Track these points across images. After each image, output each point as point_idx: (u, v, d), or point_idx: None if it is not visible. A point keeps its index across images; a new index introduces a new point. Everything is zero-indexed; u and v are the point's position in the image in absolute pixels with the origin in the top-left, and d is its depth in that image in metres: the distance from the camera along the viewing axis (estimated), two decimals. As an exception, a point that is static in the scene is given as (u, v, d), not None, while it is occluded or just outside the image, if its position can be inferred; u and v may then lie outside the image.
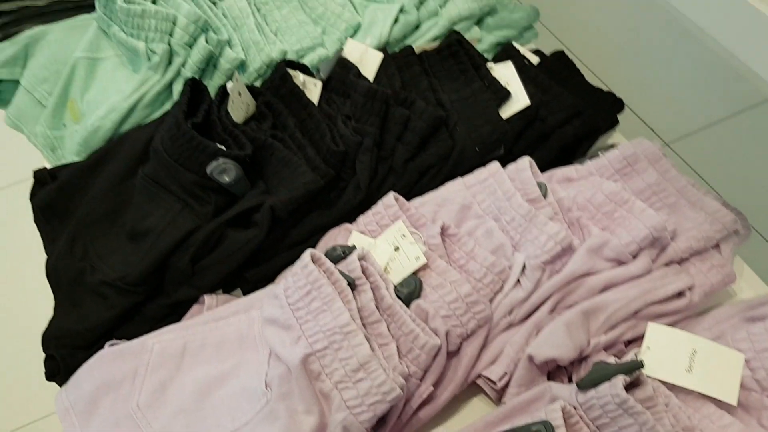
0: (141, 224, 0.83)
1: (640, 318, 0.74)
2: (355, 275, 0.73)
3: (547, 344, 0.70)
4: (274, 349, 0.70)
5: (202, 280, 0.81)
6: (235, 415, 0.68)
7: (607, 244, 0.76)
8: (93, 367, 0.73)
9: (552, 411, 0.63)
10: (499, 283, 0.76)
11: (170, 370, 0.72)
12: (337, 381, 0.66)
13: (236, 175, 0.80)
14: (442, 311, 0.73)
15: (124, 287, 0.80)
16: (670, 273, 0.76)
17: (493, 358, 0.74)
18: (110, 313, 0.79)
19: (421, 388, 0.71)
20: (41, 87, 1.01)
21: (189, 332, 0.75)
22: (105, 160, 0.91)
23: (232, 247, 0.80)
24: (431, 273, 0.77)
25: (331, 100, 0.93)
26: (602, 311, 0.72)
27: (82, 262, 0.84)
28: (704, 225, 0.80)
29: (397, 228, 0.79)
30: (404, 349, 0.71)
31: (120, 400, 0.71)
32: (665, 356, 0.68)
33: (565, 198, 0.82)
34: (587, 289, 0.75)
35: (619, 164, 0.85)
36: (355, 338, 0.66)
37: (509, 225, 0.79)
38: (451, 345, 0.72)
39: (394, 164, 0.87)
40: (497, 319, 0.75)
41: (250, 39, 1.00)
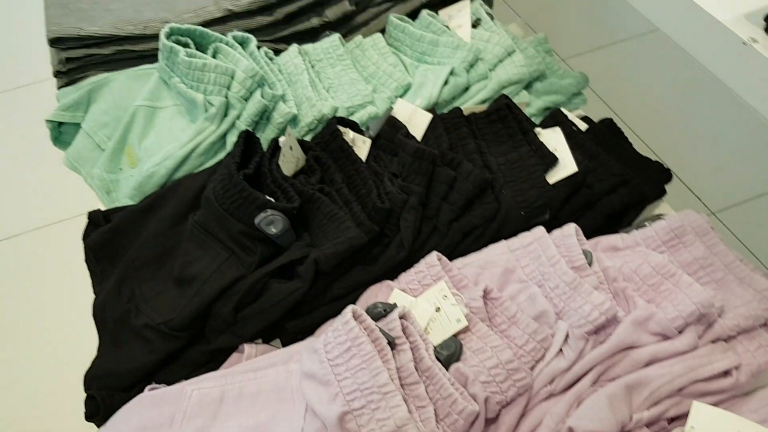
0: (188, 270, 0.85)
1: (685, 395, 0.72)
2: (395, 334, 0.73)
3: (588, 417, 0.68)
4: (311, 405, 0.70)
5: (243, 329, 0.82)
6: (268, 469, 0.68)
7: (652, 317, 0.74)
8: (131, 410, 0.74)
9: (592, 488, 0.61)
10: (541, 351, 0.75)
11: (206, 419, 0.73)
12: (373, 442, 0.65)
13: (283, 227, 0.82)
14: (481, 377, 0.72)
15: (168, 332, 0.81)
16: (716, 350, 0.74)
17: (532, 428, 0.72)
18: (152, 357, 0.81)
19: (458, 454, 0.70)
20: (101, 131, 1.06)
21: (227, 381, 0.76)
22: (157, 205, 0.93)
23: (275, 298, 0.81)
24: (472, 336, 0.76)
25: (378, 158, 0.94)
26: (646, 386, 0.71)
27: (128, 304, 0.86)
28: (752, 303, 0.78)
29: (439, 288, 0.79)
30: (442, 414, 0.70)
31: (156, 446, 0.71)
32: (711, 438, 0.66)
33: (611, 267, 0.81)
34: (631, 362, 0.73)
35: (666, 236, 0.84)
36: (393, 399, 0.66)
37: (553, 292, 0.78)
38: (489, 412, 0.71)
39: (438, 224, 0.88)
40: (538, 387, 0.74)
41: (303, 94, 1.03)
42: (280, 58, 1.09)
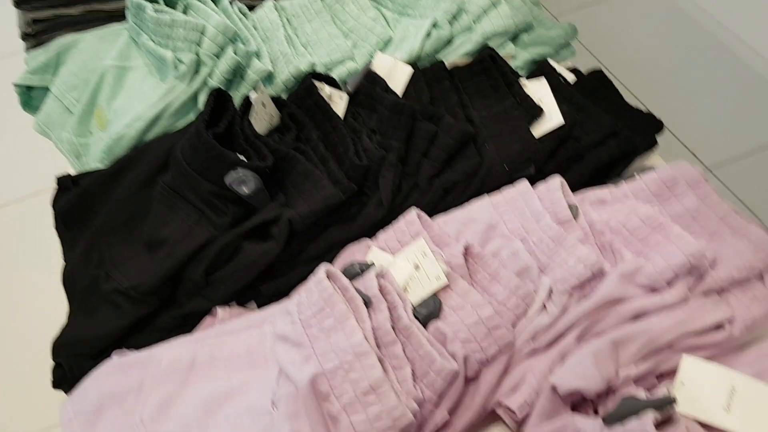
0: (157, 233, 0.81)
1: (675, 350, 0.69)
2: (371, 293, 0.70)
3: (573, 374, 0.65)
4: (284, 367, 0.67)
5: (215, 292, 0.79)
6: (238, 434, 0.65)
7: (640, 270, 0.71)
8: (99, 377, 0.71)
9: (575, 447, 0.58)
10: (523, 307, 0.72)
11: (177, 384, 0.70)
12: (346, 403, 0.62)
13: (255, 187, 0.78)
14: (461, 334, 0.69)
15: (137, 296, 0.78)
16: (708, 303, 0.71)
17: (514, 385, 0.70)
18: (121, 323, 0.78)
19: (436, 415, 0.67)
20: (70, 94, 1.02)
21: (198, 345, 0.73)
22: (127, 168, 0.90)
23: (247, 260, 0.77)
24: (452, 294, 0.73)
25: (356, 114, 0.90)
26: (633, 341, 0.68)
27: (97, 270, 0.83)
28: (747, 253, 0.75)
29: (418, 246, 0.76)
30: (419, 373, 0.67)
31: (124, 413, 0.68)
32: (701, 393, 0.63)
33: (598, 221, 0.77)
34: (618, 317, 0.70)
35: (656, 187, 0.81)
36: (368, 359, 0.63)
37: (537, 247, 0.75)
38: (469, 370, 0.68)
39: (418, 180, 0.84)
40: (520, 344, 0.71)
41: (279, 51, 0.99)
42: (254, 14, 1.04)
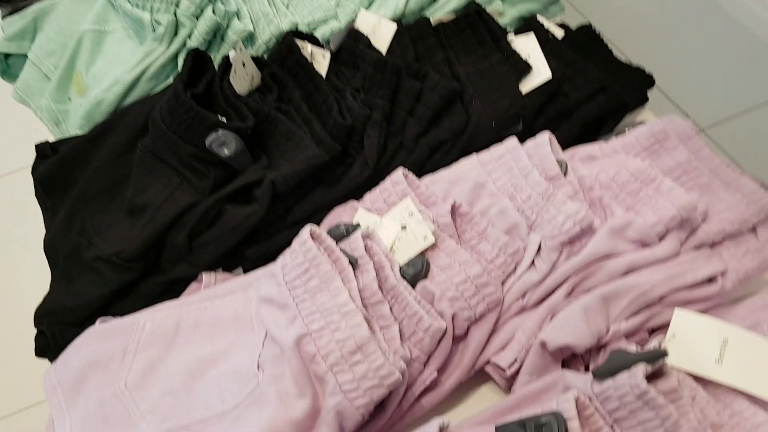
0: (138, 198, 0.80)
1: (666, 305, 0.68)
2: (357, 254, 0.69)
3: (562, 330, 0.64)
4: (269, 329, 0.66)
5: (199, 257, 0.77)
6: (224, 397, 0.64)
7: (631, 224, 0.70)
8: (82, 344, 0.70)
9: (564, 401, 0.57)
10: (512, 264, 0.71)
11: (161, 350, 0.69)
12: (332, 363, 0.61)
13: (236, 148, 0.76)
14: (449, 293, 0.68)
15: (119, 263, 0.76)
16: (700, 257, 0.70)
17: (504, 344, 0.69)
18: (104, 290, 0.76)
19: (424, 373, 0.66)
20: (48, 60, 0.99)
21: (182, 310, 0.71)
22: (106, 133, 0.88)
23: (231, 224, 0.76)
24: (440, 253, 0.72)
25: (340, 73, 0.88)
26: (624, 296, 0.66)
27: (79, 238, 0.81)
28: (739, 206, 0.73)
29: (405, 205, 0.74)
30: (407, 332, 0.66)
31: (108, 379, 0.67)
32: (693, 345, 0.62)
33: (587, 176, 0.76)
34: (608, 272, 0.69)
35: (647, 141, 0.79)
36: (354, 319, 0.62)
37: (525, 204, 0.73)
38: (457, 329, 0.67)
39: (404, 140, 0.82)
40: (509, 302, 0.70)
41: (260, 11, 0.96)
42: (234, -26, 1.01)
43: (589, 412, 0.58)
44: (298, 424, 0.60)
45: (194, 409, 0.64)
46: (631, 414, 0.55)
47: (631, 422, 0.55)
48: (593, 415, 0.58)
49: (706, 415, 0.56)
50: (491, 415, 0.64)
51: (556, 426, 0.56)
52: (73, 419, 0.65)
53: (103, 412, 0.65)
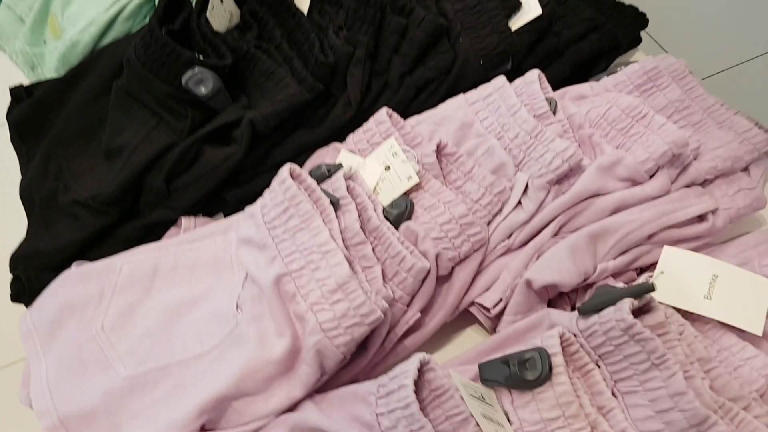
0: (115, 141, 0.77)
1: (655, 243, 0.66)
2: (339, 195, 0.67)
3: (548, 268, 0.63)
4: (249, 270, 0.64)
5: (178, 201, 0.75)
6: (203, 338, 0.62)
7: (620, 161, 0.67)
8: (58, 287, 0.68)
9: (549, 338, 0.56)
10: (498, 204, 0.69)
11: (139, 293, 0.67)
12: (312, 303, 0.59)
13: (214, 87, 0.73)
14: (433, 233, 0.66)
15: (96, 207, 0.74)
16: (690, 194, 0.68)
17: (489, 284, 0.67)
18: (81, 234, 0.74)
19: (408, 314, 0.65)
20: (23, 3, 0.96)
21: (161, 253, 0.69)
22: (82, 75, 0.85)
23: (209, 165, 0.74)
24: (424, 194, 0.70)
25: (322, 11, 0.85)
26: (612, 234, 0.65)
27: (55, 182, 0.79)
28: (732, 144, 0.71)
29: (389, 145, 0.72)
30: (390, 273, 0.64)
31: (84, 322, 0.66)
32: (681, 282, 0.60)
33: (577, 114, 0.73)
34: (596, 210, 0.67)
35: (639, 79, 0.76)
36: (334, 257, 0.60)
37: (513, 143, 0.71)
38: (441, 269, 0.65)
39: (389, 79, 0.80)
40: (495, 243, 0.68)
41: (239, -54, 0.93)
42: None
43: (573, 349, 0.56)
44: (277, 364, 0.58)
45: (172, 351, 0.62)
46: (617, 349, 0.54)
47: (617, 357, 0.54)
48: (578, 352, 0.56)
49: (693, 350, 0.54)
50: (475, 354, 0.63)
51: (540, 361, 0.54)
52: (48, 362, 0.64)
53: (80, 355, 0.64)
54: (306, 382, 0.59)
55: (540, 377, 0.54)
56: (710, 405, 0.51)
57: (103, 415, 0.60)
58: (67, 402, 0.60)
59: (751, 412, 0.52)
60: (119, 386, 0.61)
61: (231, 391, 0.56)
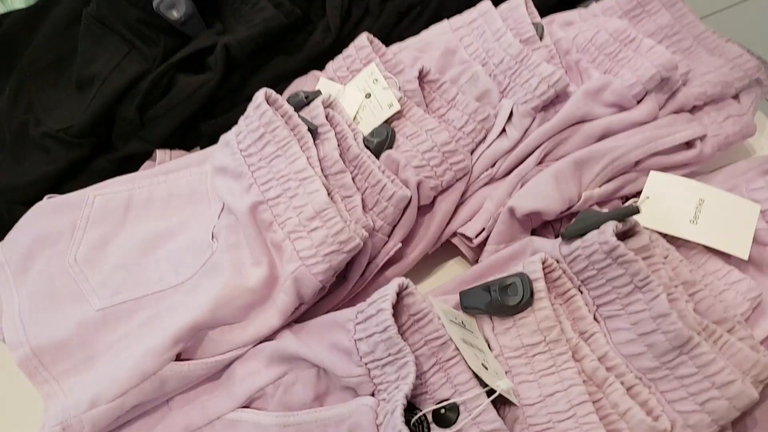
0: (86, 70, 0.74)
1: (642, 171, 0.64)
2: (318, 122, 0.65)
3: (531, 195, 0.61)
4: (224, 200, 0.62)
5: (152, 132, 0.73)
6: (179, 269, 0.61)
7: (607, 86, 0.65)
8: (29, 220, 0.66)
9: (531, 263, 0.55)
10: (481, 132, 0.67)
11: (112, 225, 0.65)
12: (290, 231, 0.58)
13: (186, 11, 0.70)
14: (414, 161, 0.64)
15: (68, 139, 0.72)
16: (679, 120, 0.66)
17: (472, 214, 0.66)
18: (53, 167, 0.72)
19: (388, 244, 0.63)
20: (-14, -69, 0.91)
21: (134, 185, 0.67)
22: (51, 4, 0.81)
23: (184, 93, 0.71)
24: (406, 122, 0.68)
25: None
26: (598, 161, 0.63)
27: (26, 115, 0.76)
28: (722, 69, 0.69)
29: (369, 72, 0.69)
30: (370, 203, 0.63)
31: (57, 255, 0.64)
32: (667, 206, 0.59)
33: (564, 39, 0.71)
34: (582, 137, 0.65)
35: (628, 5, 0.74)
36: (312, 185, 0.58)
37: (497, 68, 0.69)
38: (423, 198, 0.64)
39: (370, 4, 0.77)
40: (478, 172, 0.66)
41: None
42: None
43: (556, 275, 0.55)
44: (253, 292, 0.57)
45: (147, 283, 0.61)
46: (600, 273, 0.53)
47: (600, 282, 0.53)
48: (560, 278, 0.55)
49: (678, 274, 0.53)
50: (457, 284, 0.61)
51: (521, 287, 0.53)
52: (21, 295, 0.62)
53: (53, 288, 0.62)
54: (284, 311, 0.57)
55: (521, 302, 0.53)
56: (693, 327, 0.50)
57: (76, 346, 0.58)
58: (39, 334, 0.59)
59: (735, 334, 0.52)
60: (93, 318, 0.59)
61: (207, 320, 0.55)
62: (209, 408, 0.56)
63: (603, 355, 0.52)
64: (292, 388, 0.54)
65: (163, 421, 0.56)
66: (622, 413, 0.49)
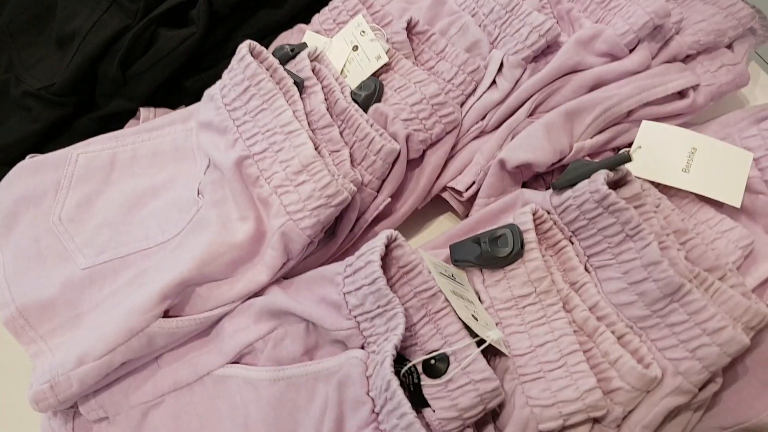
0: (66, 27, 0.73)
1: (634, 121, 0.63)
2: (304, 76, 0.63)
3: (522, 147, 0.60)
4: (210, 155, 0.61)
5: (135, 89, 0.71)
6: (164, 226, 0.60)
7: (599, 34, 0.64)
8: (12, 180, 0.65)
9: (521, 214, 0.54)
10: (471, 84, 0.66)
11: (97, 184, 0.64)
12: (276, 185, 0.57)
13: (167, -37, 0.68)
14: (403, 114, 0.63)
15: (49, 98, 0.71)
16: (671, 69, 0.65)
17: (462, 168, 0.65)
18: (35, 126, 0.71)
19: (378, 199, 0.62)
20: None
21: (118, 143, 0.66)
22: (27, -41, 0.79)
23: (166, 48, 0.69)
24: (394, 75, 0.66)
25: None
26: (589, 111, 0.62)
27: (5, 74, 0.75)
28: (716, 17, 0.68)
29: (356, 23, 0.68)
30: (359, 157, 0.62)
31: (41, 215, 0.63)
32: (659, 155, 0.58)
33: (555, -13, 0.69)
34: (573, 87, 0.64)
35: (620, -48, 0.72)
36: (298, 138, 0.57)
37: (487, 18, 0.67)
38: (412, 152, 0.63)
39: (356, -45, 0.75)
40: (468, 125, 0.65)
41: None
42: None
43: (547, 226, 0.55)
44: (240, 247, 0.56)
45: (133, 241, 0.60)
46: (591, 223, 0.52)
47: (591, 231, 0.52)
48: (551, 229, 0.55)
49: (669, 222, 0.53)
50: (447, 238, 0.61)
51: (512, 238, 0.53)
52: (5, 256, 0.61)
53: (37, 247, 0.61)
54: (272, 267, 0.57)
55: (512, 254, 0.52)
56: (685, 274, 0.49)
57: (63, 305, 0.58)
58: (25, 293, 0.58)
59: (726, 282, 0.51)
60: (79, 277, 0.58)
61: (194, 276, 0.54)
62: (198, 364, 0.56)
63: (594, 305, 0.52)
64: (282, 342, 0.54)
65: (152, 379, 0.56)
66: (613, 361, 0.49)
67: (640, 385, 0.48)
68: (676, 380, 0.48)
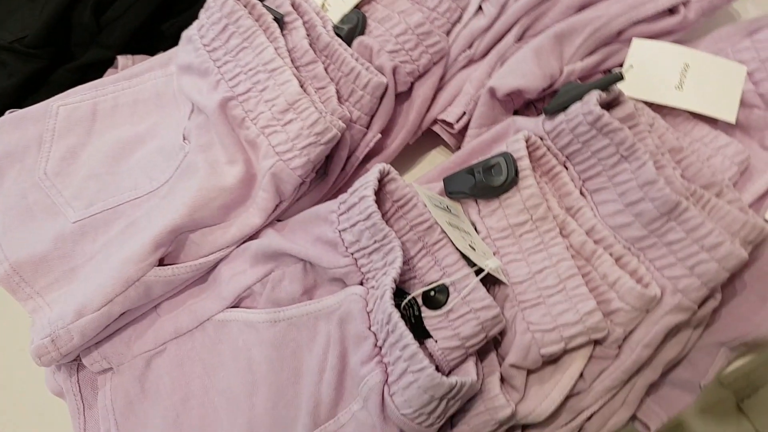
0: (34, -25, 0.69)
1: (624, 41, 0.62)
2: (284, 10, 0.61)
3: (512, 73, 0.59)
4: (192, 99, 0.60)
5: (110, 37, 0.69)
6: (152, 175, 0.59)
7: (586, -48, 0.62)
8: (-8, 138, 0.64)
9: (514, 142, 0.53)
10: (457, 11, 0.64)
11: (80, 135, 0.63)
12: (263, 126, 0.56)
13: None
14: (388, 46, 0.61)
15: (23, 50, 0.68)
16: (662, -15, 0.63)
17: (451, 99, 0.63)
18: (11, 81, 0.69)
19: (368, 136, 0.61)
20: None
21: (98, 93, 0.64)
22: None
23: (139, -9, 0.67)
24: (377, 5, 0.65)
25: None
26: (579, 32, 0.60)
27: (-24, 30, 0.72)
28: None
29: (335, -46, 0.65)
30: (345, 93, 0.60)
31: (26, 170, 0.61)
32: (652, 74, 0.57)
33: None
34: (561, 9, 0.62)
35: None
36: (282, 75, 0.56)
37: (471, -57, 0.65)
38: (400, 84, 0.61)
39: None
40: (455, 54, 0.63)
41: None
42: None
43: (540, 153, 0.54)
44: (231, 191, 0.55)
45: (122, 191, 0.59)
46: (585, 146, 0.51)
47: (585, 155, 0.52)
48: (545, 155, 0.54)
49: (664, 141, 0.52)
50: (440, 171, 0.60)
51: (506, 166, 0.52)
52: (-7, 215, 0.60)
53: (25, 203, 0.60)
54: (264, 209, 0.56)
55: (506, 182, 0.52)
56: (681, 192, 0.49)
57: (56, 260, 0.57)
58: (17, 250, 0.57)
59: (723, 198, 0.51)
60: (70, 230, 0.58)
61: (185, 222, 0.54)
62: (198, 311, 0.55)
63: (590, 229, 0.51)
64: (280, 284, 0.54)
65: (153, 327, 0.56)
66: (612, 283, 0.49)
67: (640, 305, 0.48)
68: (675, 298, 0.49)
